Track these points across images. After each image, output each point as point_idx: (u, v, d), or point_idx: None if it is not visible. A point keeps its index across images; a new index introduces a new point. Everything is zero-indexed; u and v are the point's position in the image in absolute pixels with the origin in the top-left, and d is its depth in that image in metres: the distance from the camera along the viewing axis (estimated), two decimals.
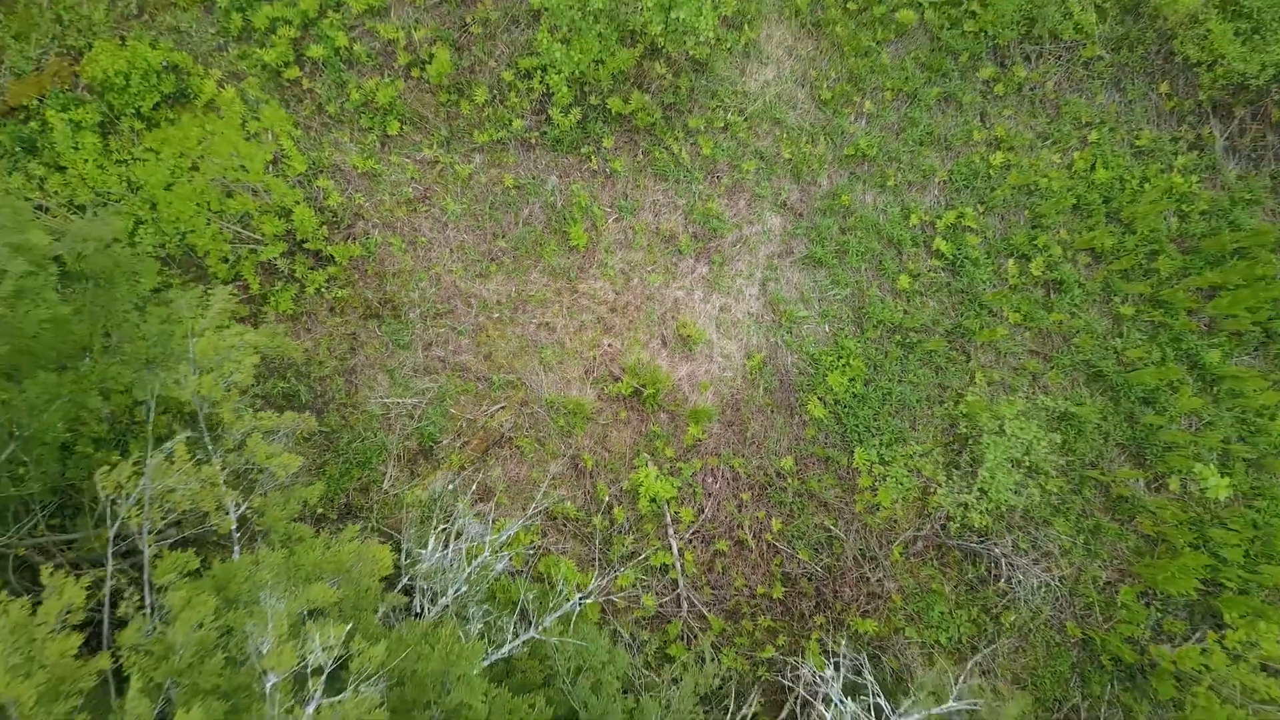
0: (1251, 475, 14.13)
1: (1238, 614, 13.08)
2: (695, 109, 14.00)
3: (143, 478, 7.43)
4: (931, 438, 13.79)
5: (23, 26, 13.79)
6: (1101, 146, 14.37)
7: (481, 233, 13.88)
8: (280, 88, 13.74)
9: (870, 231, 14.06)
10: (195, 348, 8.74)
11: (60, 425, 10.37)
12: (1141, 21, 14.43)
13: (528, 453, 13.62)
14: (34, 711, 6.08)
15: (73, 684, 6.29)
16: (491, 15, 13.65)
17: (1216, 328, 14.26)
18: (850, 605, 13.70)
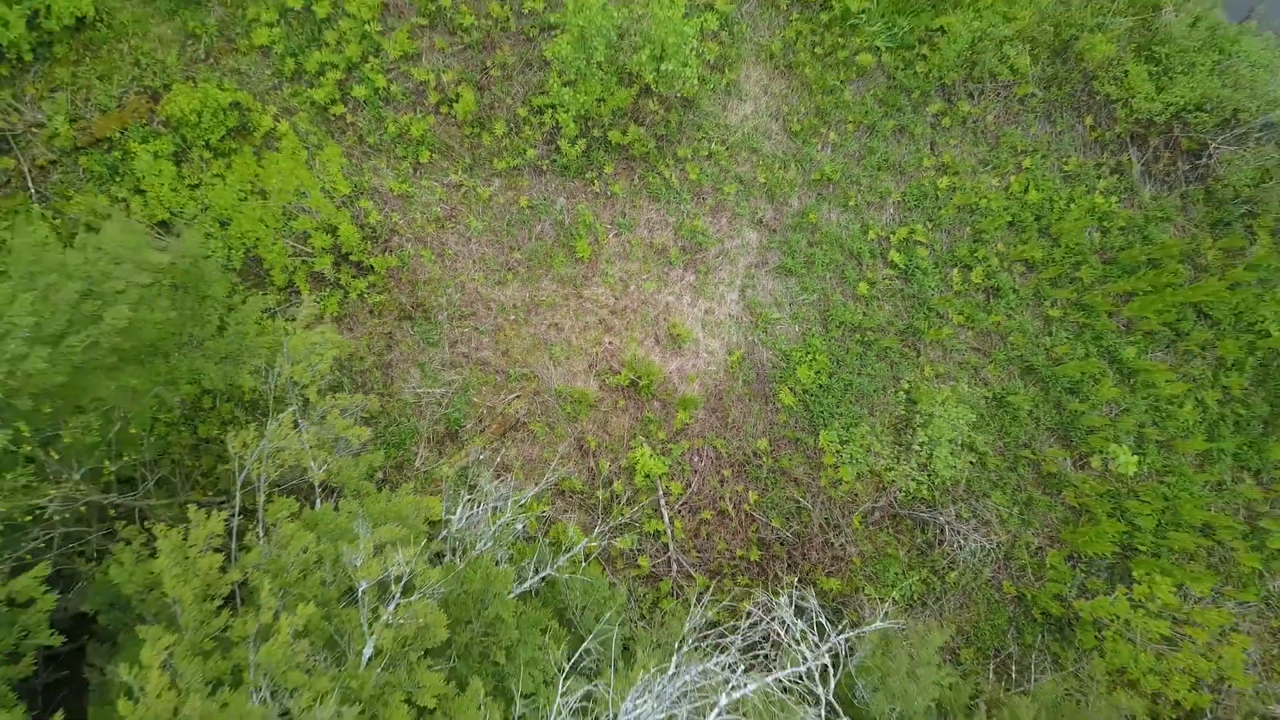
0: (1162, 455, 16.42)
1: (1144, 572, 15.35)
2: (684, 140, 16.27)
3: (262, 440, 9.63)
4: (885, 422, 16.06)
5: (106, 69, 16.03)
6: (1034, 171, 16.67)
7: (500, 246, 16.13)
8: (327, 121, 16.00)
9: (834, 245, 16.33)
10: (289, 344, 10.94)
11: (154, 407, 12.64)
12: (1068, 63, 16.72)
13: (539, 435, 15.87)
14: (191, 607, 8.32)
15: (215, 590, 8.50)
16: (509, 60, 15.92)
17: (1132, 328, 16.55)
18: (817, 566, 15.95)
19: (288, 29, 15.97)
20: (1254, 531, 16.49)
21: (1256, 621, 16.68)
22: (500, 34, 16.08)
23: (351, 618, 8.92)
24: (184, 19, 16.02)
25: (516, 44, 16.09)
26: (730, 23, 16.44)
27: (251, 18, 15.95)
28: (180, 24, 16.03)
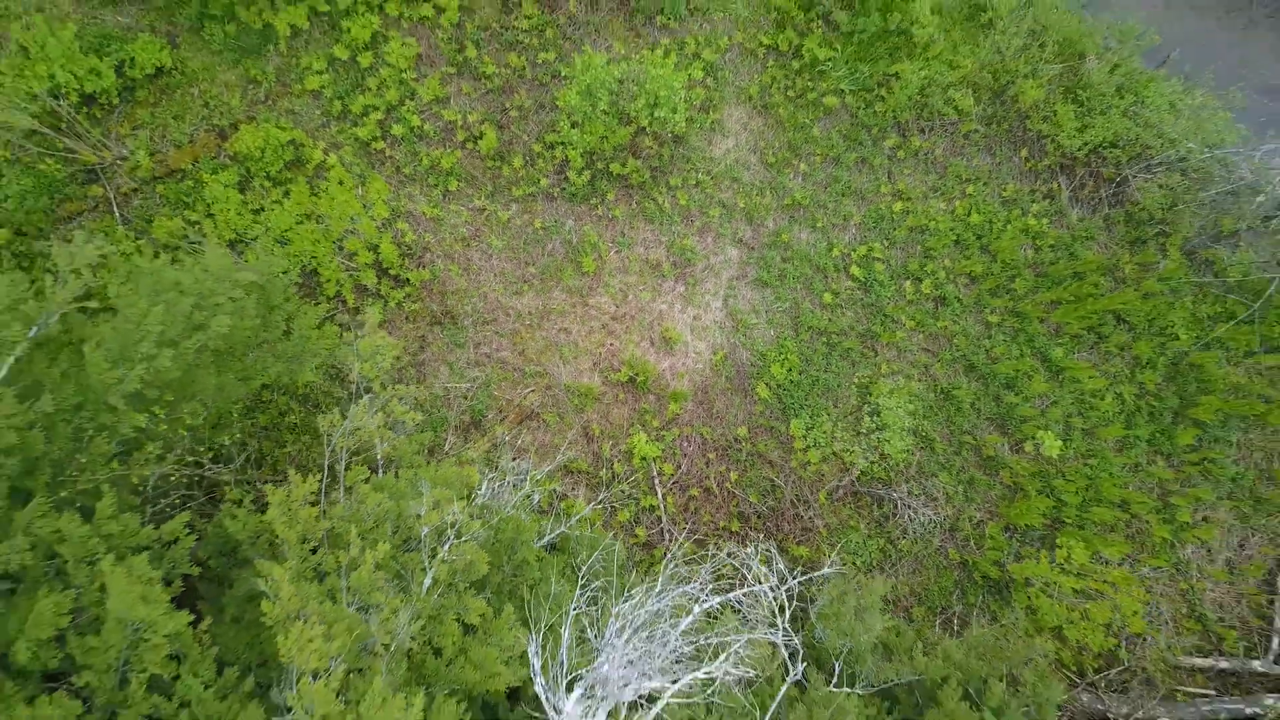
0: (1086, 441, 19.10)
1: (1065, 540, 18.03)
2: (674, 171, 18.95)
3: (345, 420, 12.28)
4: (846, 412, 18.74)
5: (180, 109, 18.69)
6: (976, 197, 19.36)
7: (517, 262, 18.81)
8: (369, 155, 18.68)
9: (803, 261, 19.02)
10: (359, 346, 13.56)
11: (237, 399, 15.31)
12: (1005, 105, 19.42)
13: (551, 424, 18.53)
14: (295, 546, 10.97)
15: (312, 534, 11.13)
16: (525, 103, 18.60)
17: (1060, 331, 19.24)
18: (788, 536, 18.62)
19: (335, 76, 18.65)
20: (1165, 507, 19.18)
21: (1168, 584, 19.36)
22: (518, 80, 18.76)
23: (412, 559, 11.57)
24: (246, 67, 18.69)
25: (532, 89, 18.78)
26: (715, 69, 19.12)
27: (304, 66, 18.62)
28: (243, 71, 18.71)
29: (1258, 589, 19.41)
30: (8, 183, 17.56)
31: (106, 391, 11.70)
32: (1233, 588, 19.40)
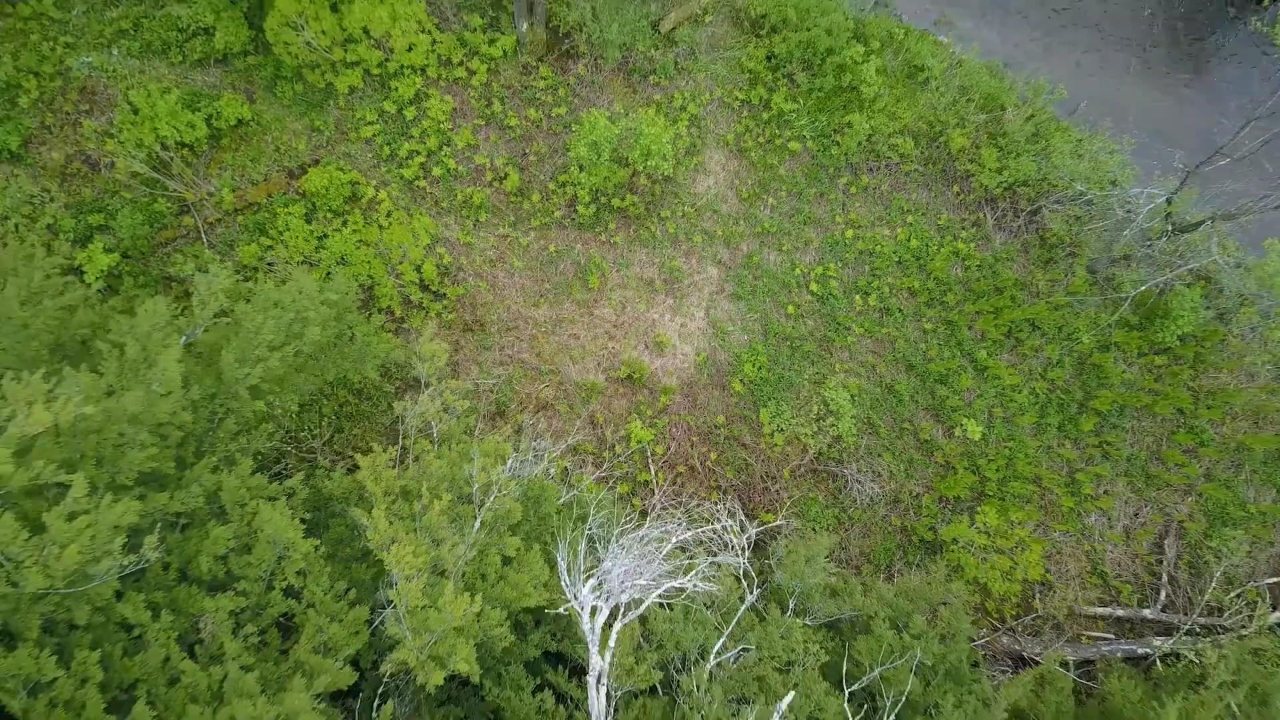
0: (1005, 427, 23.07)
1: (985, 508, 22.01)
2: (665, 204, 22.91)
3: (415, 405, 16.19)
4: (806, 403, 22.69)
5: (256, 153, 22.62)
6: (915, 225, 23.33)
7: (534, 279, 22.75)
8: (413, 192, 22.62)
9: (771, 278, 22.98)
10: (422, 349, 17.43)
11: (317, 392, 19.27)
12: (939, 148, 23.40)
13: (563, 413, 22.46)
14: (381, 499, 14.89)
15: (391, 489, 15.02)
16: (542, 150, 22.57)
17: (984, 337, 23.21)
18: (759, 505, 22.56)
19: (385, 126, 22.60)
20: (1071, 482, 23.15)
21: (1075, 547, 23.33)
22: (536, 130, 22.74)
23: (465, 509, 15.49)
24: (311, 118, 22.64)
25: (547, 138, 22.75)
26: (698, 120, 23.09)
27: (359, 118, 22.57)
28: (308, 122, 22.66)
29: (1149, 550, 23.39)
30: (121, 216, 21.50)
31: (235, 384, 15.62)
32: (1128, 549, 23.39)
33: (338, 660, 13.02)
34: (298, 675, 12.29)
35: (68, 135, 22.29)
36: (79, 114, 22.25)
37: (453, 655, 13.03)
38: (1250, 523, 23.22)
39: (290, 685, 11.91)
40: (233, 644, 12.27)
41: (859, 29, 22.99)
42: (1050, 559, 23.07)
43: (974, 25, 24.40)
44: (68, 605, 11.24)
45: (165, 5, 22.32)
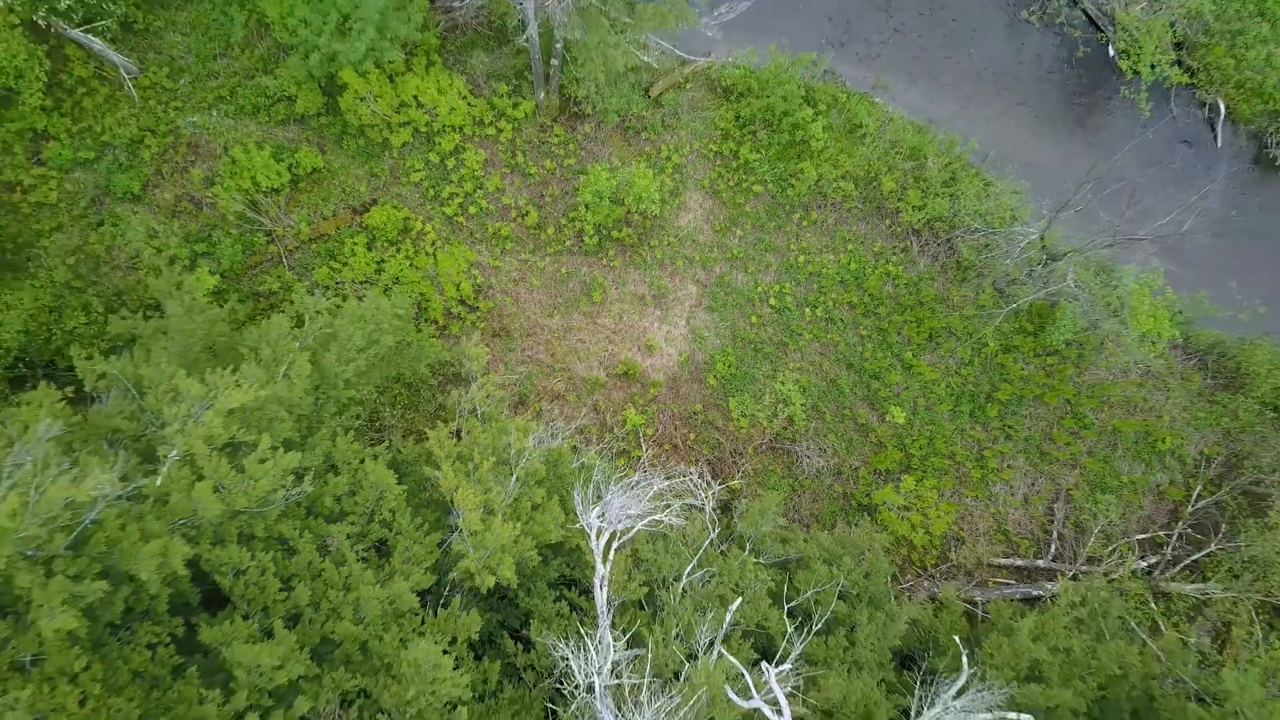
0: (927, 414, 28.76)
1: (907, 478, 27.72)
2: (654, 235, 28.58)
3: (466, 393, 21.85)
4: (765, 393, 28.39)
5: (326, 193, 28.26)
6: (855, 252, 29.03)
7: (549, 295, 28.41)
8: (452, 225, 28.29)
9: (739, 295, 28.67)
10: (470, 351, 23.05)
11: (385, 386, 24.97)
12: (873, 189, 29.10)
13: (572, 402, 28.12)
14: (445, 460, 20.56)
15: (451, 454, 20.67)
16: (555, 193, 28.27)
17: (910, 341, 28.91)
18: (729, 474, 28.24)
19: (430, 173, 28.26)
20: (980, 458, 28.85)
21: (983, 510, 29.02)
22: (551, 177, 28.44)
23: (504, 469, 21.15)
24: (370, 167, 28.31)
25: (560, 183, 28.44)
26: (680, 167, 28.78)
27: (409, 166, 28.23)
28: (369, 169, 28.32)
29: (1042, 513, 29.11)
30: (223, 246, 27.17)
31: (334, 377, 21.28)
32: (1026, 512, 29.11)
33: (420, 569, 18.68)
34: (397, 576, 17.98)
35: (177, 180, 27.96)
36: (186, 163, 27.93)
37: (500, 566, 18.69)
38: (1122, 490, 28.96)
39: (392, 582, 17.59)
40: (351, 554, 17.94)
41: (809, 94, 28.69)
42: (963, 520, 28.81)
43: (904, 89, 30.09)
44: (251, 522, 16.89)
45: (255, 77, 28.01)
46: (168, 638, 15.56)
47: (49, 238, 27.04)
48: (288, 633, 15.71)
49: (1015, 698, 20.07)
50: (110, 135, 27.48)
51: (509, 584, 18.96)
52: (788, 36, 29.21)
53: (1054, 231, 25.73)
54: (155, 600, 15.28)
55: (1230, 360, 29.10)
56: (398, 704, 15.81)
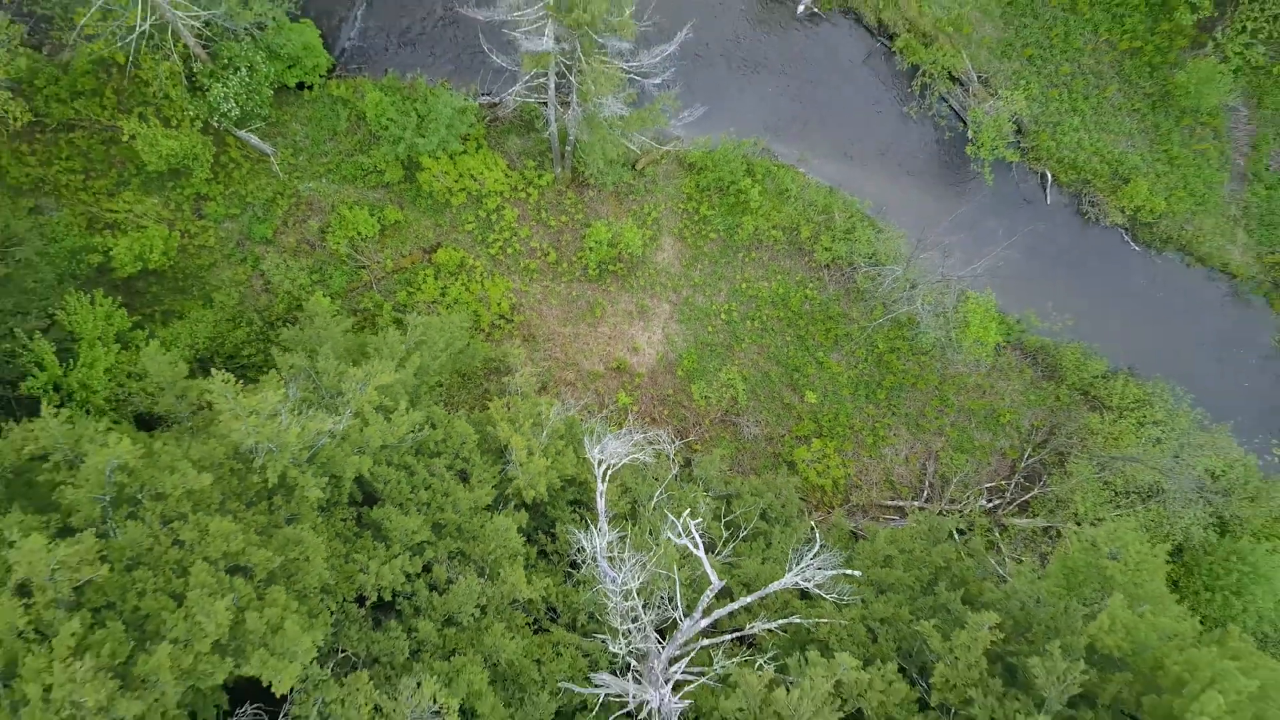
0: (834, 396, 40.15)
1: (819, 442, 39.11)
2: (639, 269, 39.93)
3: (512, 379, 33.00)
4: (717, 382, 39.74)
5: (403, 238, 39.55)
6: (782, 280, 40.39)
7: (563, 311, 39.75)
8: (494, 261, 39.61)
9: (700, 311, 40.03)
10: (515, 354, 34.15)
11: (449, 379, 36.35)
12: (796, 235, 40.45)
13: (580, 387, 39.43)
14: (501, 421, 31.84)
15: (505, 417, 31.85)
16: (568, 238, 39.64)
17: (821, 345, 40.31)
18: (694, 442, 39.58)
19: (479, 224, 39.59)
20: (874, 429, 40.23)
21: (875, 466, 40.36)
22: (565, 227, 39.80)
23: (537, 429, 32.38)
24: (436, 219, 39.63)
25: (571, 232, 39.80)
26: (657, 220, 40.14)
27: (464, 219, 39.54)
28: (434, 221, 39.63)
29: (918, 468, 40.50)
30: (332, 277, 38.46)
31: (427, 369, 32.52)
32: (906, 467, 40.48)
33: (488, 485, 29.88)
34: (476, 487, 29.25)
35: (298, 229, 39.26)
36: (305, 217, 39.24)
37: (538, 485, 29.89)
38: (975, 451, 40.36)
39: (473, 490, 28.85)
40: (448, 475, 29.15)
41: (749, 168, 40.05)
42: (860, 473, 40.18)
43: (820, 162, 41.45)
44: (390, 453, 28.11)
45: (354, 155, 39.33)
46: (352, 515, 26.82)
47: (208, 271, 38.38)
48: (418, 515, 26.96)
49: (852, 561, 31.32)
50: (251, 197, 38.80)
51: (542, 498, 30.23)
52: (735, 126, 40.58)
53: (916, 265, 37.10)
54: (345, 494, 26.52)
55: (1051, 358, 40.53)
56: (482, 555, 27.08)
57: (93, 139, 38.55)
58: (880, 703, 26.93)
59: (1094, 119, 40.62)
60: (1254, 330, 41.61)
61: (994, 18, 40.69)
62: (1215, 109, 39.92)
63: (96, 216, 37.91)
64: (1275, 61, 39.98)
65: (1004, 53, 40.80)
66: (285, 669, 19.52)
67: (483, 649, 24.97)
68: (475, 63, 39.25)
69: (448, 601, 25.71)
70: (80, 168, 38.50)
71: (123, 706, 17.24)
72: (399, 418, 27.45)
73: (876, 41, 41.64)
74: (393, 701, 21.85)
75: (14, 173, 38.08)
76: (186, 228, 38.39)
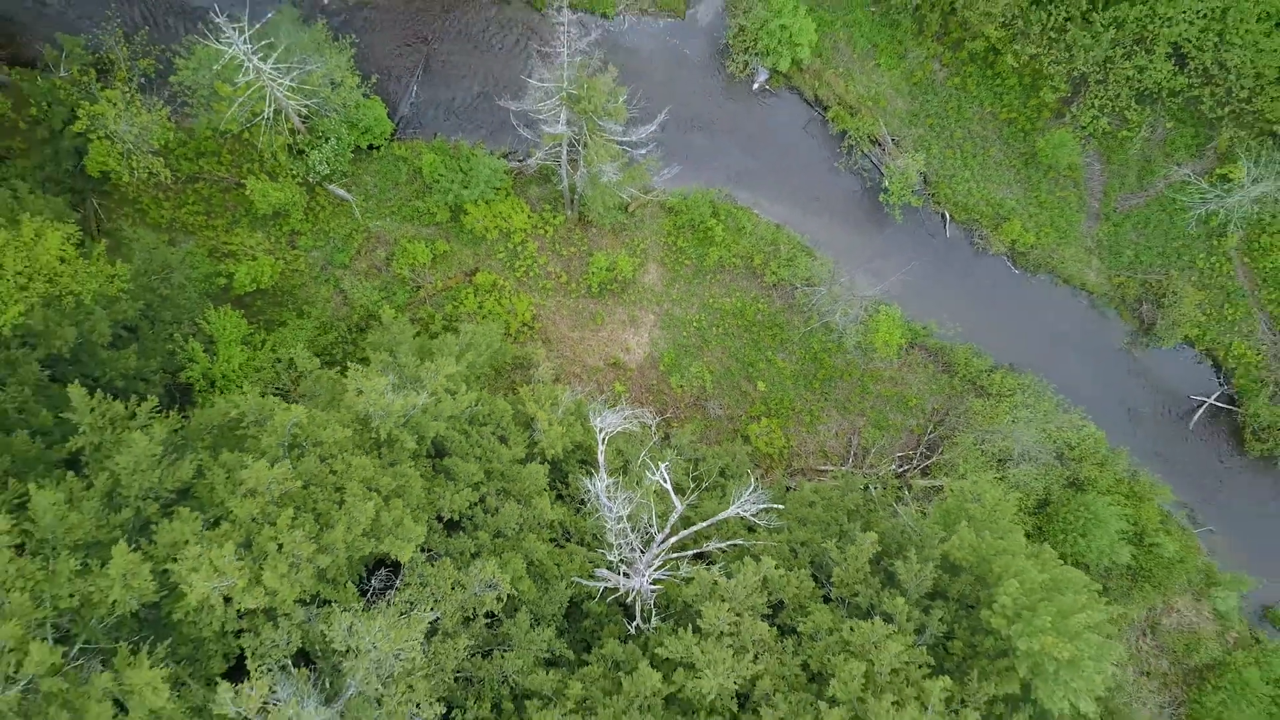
0: (779, 385, 52.26)
1: (766, 420, 51.26)
2: (630, 288, 51.98)
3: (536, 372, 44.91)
4: (690, 375, 51.82)
5: (450, 265, 51.61)
6: (741, 297, 52.46)
7: (572, 320, 51.84)
8: (520, 281, 51.71)
9: (677, 321, 52.09)
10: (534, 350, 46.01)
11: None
12: (751, 263, 52.53)
13: (585, 379, 51.51)
14: (529, 402, 43.87)
15: (532, 398, 43.78)
16: (576, 265, 51.76)
17: (770, 346, 52.41)
18: (672, 420, 51.66)
19: (508, 253, 51.65)
20: (809, 410, 52.35)
21: (811, 439, 52.49)
22: (574, 256, 51.90)
23: (554, 407, 44.37)
24: (475, 249, 51.72)
25: (578, 260, 51.90)
26: (645, 250, 52.21)
27: (496, 250, 51.60)
28: (473, 251, 51.69)
29: (845, 442, 52.62)
30: (396, 294, 50.54)
31: (474, 365, 44.54)
32: (836, 441, 52.62)
33: (520, 446, 41.81)
34: (513, 447, 41.26)
35: (369, 256, 51.34)
36: (374, 247, 51.34)
37: (557, 446, 41.84)
38: (889, 428, 52.48)
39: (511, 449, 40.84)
40: (492, 438, 41.11)
41: (715, 210, 52.09)
42: (799, 444, 52.26)
43: (770, 204, 53.48)
44: (453, 423, 40.11)
45: (412, 201, 51.44)
46: (429, 463, 38.83)
47: (300, 289, 50.46)
48: (475, 463, 38.92)
49: (784, 502, 43.36)
50: (333, 232, 50.87)
51: (559, 456, 42.26)
52: (704, 178, 52.62)
53: (839, 285, 49.08)
54: (425, 448, 38.51)
55: (948, 356, 52.61)
56: (519, 491, 39.08)
57: (212, 188, 50.73)
58: (795, 594, 38.95)
59: (980, 172, 52.77)
60: (1106, 335, 53.78)
61: (904, 94, 52.84)
62: (1074, 164, 52.05)
63: (217, 248, 50.02)
64: (1118, 129, 52.13)
65: (911, 121, 52.94)
66: (406, 547, 31.54)
67: (521, 550, 36.99)
68: (505, 130, 51.21)
69: (497, 520, 37.74)
70: (203, 210, 50.65)
71: (320, 559, 29.29)
72: (461, 397, 39.44)
73: (814, 111, 53.77)
74: (465, 576, 33.86)
75: (153, 214, 50.26)
76: (284, 256, 50.50)
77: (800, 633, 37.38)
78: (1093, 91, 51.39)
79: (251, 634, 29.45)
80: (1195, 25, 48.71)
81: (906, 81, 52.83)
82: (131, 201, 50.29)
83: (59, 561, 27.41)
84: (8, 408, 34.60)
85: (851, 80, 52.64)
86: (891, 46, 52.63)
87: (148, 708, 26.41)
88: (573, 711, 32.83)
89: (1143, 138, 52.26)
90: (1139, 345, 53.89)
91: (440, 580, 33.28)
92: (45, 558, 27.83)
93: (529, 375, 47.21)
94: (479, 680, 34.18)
